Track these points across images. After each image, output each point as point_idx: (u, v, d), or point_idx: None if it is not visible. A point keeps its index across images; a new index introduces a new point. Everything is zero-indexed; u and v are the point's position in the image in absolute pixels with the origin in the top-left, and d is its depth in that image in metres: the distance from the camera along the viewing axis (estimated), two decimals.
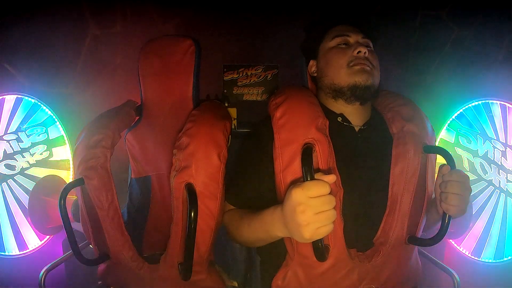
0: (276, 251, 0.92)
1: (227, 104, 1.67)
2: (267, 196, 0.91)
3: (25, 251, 1.71)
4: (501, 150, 1.69)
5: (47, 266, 1.09)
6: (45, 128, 1.74)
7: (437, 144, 1.58)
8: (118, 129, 1.06)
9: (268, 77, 1.85)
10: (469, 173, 1.72)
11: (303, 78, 1.15)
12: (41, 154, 1.73)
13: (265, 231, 0.81)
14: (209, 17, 1.85)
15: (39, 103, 1.73)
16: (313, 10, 1.77)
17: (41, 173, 1.71)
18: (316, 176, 0.69)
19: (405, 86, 1.86)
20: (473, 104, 1.75)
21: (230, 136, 0.99)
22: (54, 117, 1.74)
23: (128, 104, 1.20)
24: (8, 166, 1.69)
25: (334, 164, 0.85)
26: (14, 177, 1.70)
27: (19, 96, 1.73)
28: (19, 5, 1.74)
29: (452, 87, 1.86)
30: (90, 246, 1.00)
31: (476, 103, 1.75)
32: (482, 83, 1.82)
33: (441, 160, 0.90)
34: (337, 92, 0.98)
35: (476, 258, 1.73)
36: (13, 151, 1.70)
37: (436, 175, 0.90)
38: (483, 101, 1.74)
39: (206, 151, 0.90)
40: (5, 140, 1.69)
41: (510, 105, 1.72)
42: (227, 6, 1.84)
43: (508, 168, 1.68)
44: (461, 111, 1.76)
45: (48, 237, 1.72)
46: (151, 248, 1.16)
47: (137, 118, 1.22)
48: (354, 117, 1.00)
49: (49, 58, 1.81)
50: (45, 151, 1.73)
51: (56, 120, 1.75)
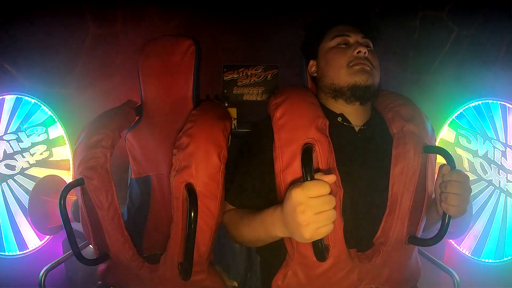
0: (276, 251, 0.92)
1: (227, 104, 1.66)
2: (267, 196, 0.91)
3: (25, 251, 1.71)
4: (501, 150, 1.69)
5: (47, 266, 1.09)
6: (45, 128, 1.74)
7: (437, 144, 1.58)
8: (118, 129, 1.06)
9: (268, 77, 1.85)
10: (469, 173, 1.72)
11: (303, 78, 1.15)
12: (41, 154, 1.73)
13: (265, 231, 0.81)
14: (209, 17, 1.85)
15: (39, 103, 1.74)
16: (313, 10, 1.76)
17: (41, 173, 1.71)
18: (316, 176, 0.69)
19: (405, 86, 1.86)
20: (473, 104, 1.75)
21: (230, 136, 0.99)
22: (54, 117, 1.74)
23: (128, 104, 1.20)
24: (8, 166, 1.69)
25: (334, 164, 0.85)
26: (14, 177, 1.70)
27: (19, 96, 1.73)
28: (19, 5, 1.74)
29: (452, 87, 1.86)
30: (90, 246, 1.00)
31: (476, 103, 1.75)
32: (482, 83, 1.82)
33: (441, 160, 0.90)
34: (337, 92, 0.98)
35: (476, 258, 1.73)
36: (13, 151, 1.70)
37: (436, 175, 0.90)
38: (483, 101, 1.75)
39: (206, 151, 0.90)
40: (5, 140, 1.69)
41: (510, 105, 1.72)
42: (227, 6, 1.84)
43: (508, 168, 1.68)
44: (461, 111, 1.76)
45: (48, 237, 1.72)
46: (151, 248, 1.16)
47: (137, 118, 1.22)
48: (354, 117, 1.00)
49: (49, 58, 1.81)
50: (45, 151, 1.73)
51: (56, 120, 1.75)
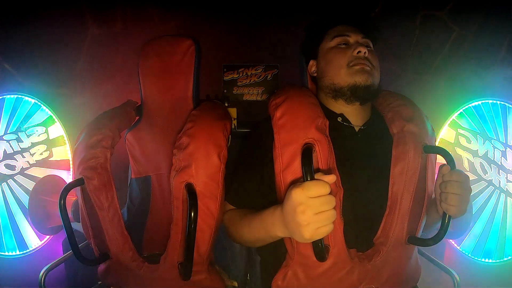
0: (276, 251, 0.92)
1: (227, 104, 1.66)
2: (267, 196, 0.91)
3: (25, 251, 1.71)
4: (501, 150, 1.69)
5: (47, 266, 1.09)
6: (45, 128, 1.74)
7: (437, 144, 1.58)
8: (118, 129, 1.06)
9: (268, 77, 1.85)
10: (469, 173, 1.72)
11: (303, 78, 1.15)
12: (41, 154, 1.72)
13: (265, 231, 0.81)
14: (209, 17, 1.85)
15: (39, 103, 1.73)
16: (313, 10, 1.77)
17: (41, 173, 1.71)
18: (316, 176, 0.69)
19: (405, 86, 1.86)
20: (473, 104, 1.75)
21: (230, 136, 0.99)
22: (54, 117, 1.74)
23: (128, 104, 1.20)
24: (8, 166, 1.69)
25: (334, 164, 0.85)
26: (14, 177, 1.70)
27: (19, 96, 1.73)
28: (19, 5, 1.74)
29: (452, 87, 1.86)
30: (90, 246, 1.00)
31: (476, 103, 1.75)
32: (482, 83, 1.82)
33: (441, 160, 0.90)
34: (337, 92, 0.98)
35: (476, 258, 1.73)
36: (13, 151, 1.69)
37: (436, 175, 0.90)
38: (483, 101, 1.75)
39: (206, 151, 0.90)
40: (5, 140, 1.69)
41: (510, 105, 1.72)
42: (226, 6, 1.84)
43: (508, 168, 1.68)
44: (461, 111, 1.76)
45: (48, 237, 1.72)
46: (151, 248, 1.16)
47: (137, 118, 1.22)
48: (354, 117, 1.00)
49: (49, 58, 1.80)
50: (45, 151, 1.73)
51: (56, 120, 1.74)
